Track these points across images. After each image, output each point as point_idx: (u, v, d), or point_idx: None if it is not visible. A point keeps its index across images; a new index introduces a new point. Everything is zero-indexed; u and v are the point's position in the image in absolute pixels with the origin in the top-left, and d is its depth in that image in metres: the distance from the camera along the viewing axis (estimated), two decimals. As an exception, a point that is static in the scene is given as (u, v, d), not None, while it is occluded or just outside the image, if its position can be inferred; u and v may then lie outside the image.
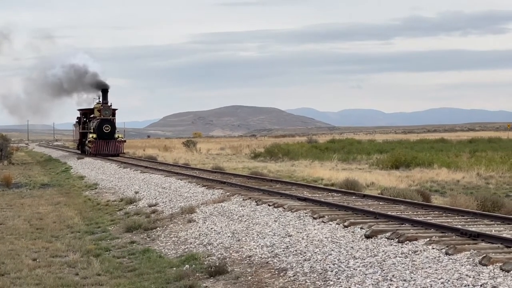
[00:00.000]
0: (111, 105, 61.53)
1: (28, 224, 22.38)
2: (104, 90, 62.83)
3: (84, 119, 64.70)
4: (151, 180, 31.99)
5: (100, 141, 59.14)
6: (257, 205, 20.58)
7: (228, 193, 23.59)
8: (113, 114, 61.18)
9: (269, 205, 20.09)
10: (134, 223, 20.91)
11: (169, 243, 18.08)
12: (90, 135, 60.51)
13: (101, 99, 62.48)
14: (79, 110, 67.66)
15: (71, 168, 50.11)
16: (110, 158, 54.50)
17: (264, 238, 16.31)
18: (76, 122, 69.58)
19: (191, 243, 17.58)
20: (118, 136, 60.61)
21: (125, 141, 63.40)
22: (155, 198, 26.26)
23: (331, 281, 12.27)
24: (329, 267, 13.02)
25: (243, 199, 21.95)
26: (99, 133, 59.32)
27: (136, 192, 28.81)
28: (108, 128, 59.25)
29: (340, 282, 12.11)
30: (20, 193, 33.18)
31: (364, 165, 47.10)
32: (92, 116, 62.64)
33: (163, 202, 24.98)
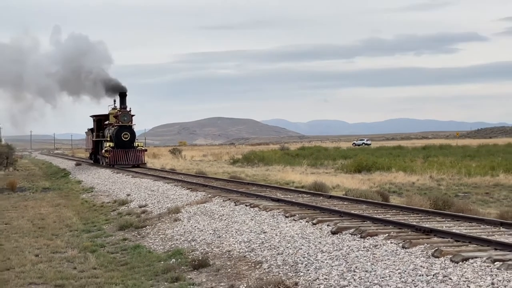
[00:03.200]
0: (130, 110, 48.94)
1: (31, 223, 22.22)
2: (122, 94, 49.63)
3: (98, 126, 52.99)
4: (141, 184, 31.84)
5: (118, 150, 47.34)
6: (236, 205, 20.54)
7: (209, 195, 23.53)
8: (131, 120, 49.03)
9: (246, 206, 20.06)
10: (126, 222, 20.83)
11: (157, 240, 18.00)
12: (107, 144, 48.33)
13: (117, 104, 50.35)
14: (92, 116, 55.10)
15: (70, 174, 49.83)
16: (128, 168, 45.72)
17: (242, 234, 16.27)
18: (89, 130, 57.74)
19: (177, 239, 17.51)
20: (138, 144, 48.84)
21: (146, 150, 51.32)
22: (144, 200, 26.14)
23: (302, 272, 12.27)
24: (300, 260, 13.01)
25: (223, 200, 21.89)
26: (117, 141, 47.54)
27: (128, 195, 28.67)
28: (127, 136, 47.74)
29: (310, 273, 12.10)
30: (24, 196, 32.97)
31: (330, 169, 47.16)
32: (107, 122, 51.31)
33: (152, 203, 24.87)
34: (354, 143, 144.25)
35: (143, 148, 49.23)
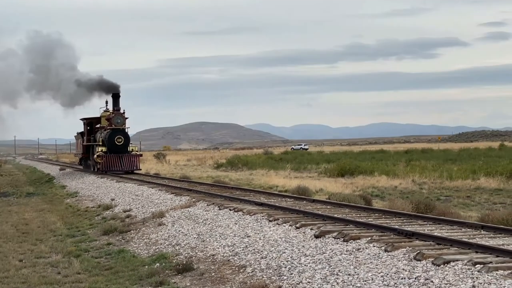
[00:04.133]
0: (123, 112, 45.03)
1: (15, 229, 22.11)
2: (115, 94, 45.71)
3: (89, 130, 49.29)
4: (125, 189, 31.76)
5: (111, 155, 43.80)
6: (220, 209, 20.53)
7: (194, 199, 23.51)
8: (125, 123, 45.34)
9: (230, 210, 20.05)
10: (111, 227, 20.77)
11: (141, 244, 17.97)
12: (99, 149, 44.55)
13: (109, 106, 46.74)
14: (82, 119, 50.84)
15: (54, 179, 49.62)
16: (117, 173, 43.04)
17: (226, 239, 16.27)
18: (79, 133, 53.62)
19: (161, 244, 17.48)
20: (132, 149, 45.27)
21: (141, 155, 47.97)
22: (129, 205, 26.08)
23: (285, 276, 12.28)
24: (283, 263, 13.02)
25: (207, 205, 21.88)
26: (110, 145, 43.97)
27: (112, 199, 28.59)
28: (121, 140, 44.10)
29: (293, 276, 12.11)
30: (8, 201, 32.81)
31: (314, 173, 47.22)
32: (99, 126, 47.95)
33: (136, 208, 24.82)
34: (292, 147, 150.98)
35: (138, 153, 45.85)
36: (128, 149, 44.72)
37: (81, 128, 51.75)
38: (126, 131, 45.01)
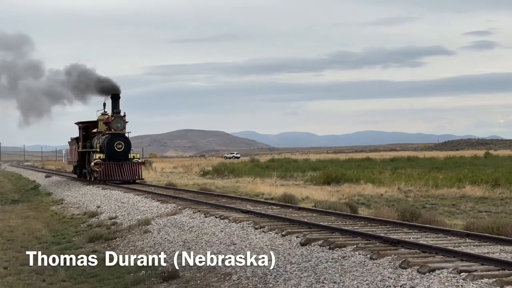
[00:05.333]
0: (124, 116, 40.98)
1: (0, 236, 21.98)
2: (115, 95, 41.49)
3: (85, 135, 44.85)
4: (111, 196, 31.65)
5: (110, 163, 39.86)
6: (206, 217, 20.50)
7: (180, 207, 23.46)
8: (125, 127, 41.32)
9: (216, 217, 20.03)
10: (96, 234, 20.69)
11: (127, 252, 17.90)
12: (96, 156, 40.60)
13: (106, 109, 42.82)
14: (77, 123, 46.33)
15: (40, 186, 49.38)
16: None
17: (212, 246, 16.24)
18: (73, 139, 48.95)
19: (147, 251, 17.43)
20: (133, 156, 41.09)
21: (143, 163, 43.92)
22: (115, 212, 25.99)
23: (271, 283, 12.27)
24: (269, 271, 13.01)
25: (193, 212, 21.84)
26: (109, 152, 40.14)
27: (98, 207, 28.48)
28: (121, 146, 40.32)
29: (279, 284, 12.10)
30: (-7, 208, 32.60)
31: (300, 181, 47.25)
32: (96, 130, 43.83)
33: (122, 215, 24.74)
34: (225, 156, 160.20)
35: (139, 161, 41.50)
36: (129, 156, 40.70)
37: (74, 133, 48.07)
38: (127, 136, 41.15)
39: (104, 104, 43.14)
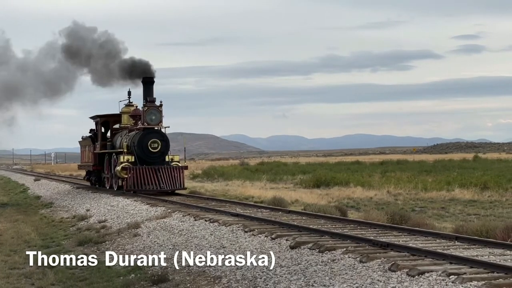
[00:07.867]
0: (161, 105, 31.52)
1: (-12, 239, 21.90)
2: (148, 80, 32.21)
3: (104, 132, 36.69)
4: (100, 199, 31.56)
5: (142, 168, 30.66)
6: (195, 220, 20.49)
7: (169, 210, 23.44)
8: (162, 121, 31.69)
9: (205, 221, 20.01)
10: (85, 238, 20.64)
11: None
12: (123, 158, 31.29)
13: (132, 99, 35.23)
14: (94, 117, 37.51)
15: (29, 189, 49.20)
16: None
17: (202, 249, 16.23)
18: (86, 137, 39.05)
19: (136, 254, 17.38)
20: (172, 158, 31.94)
21: (186, 167, 33.56)
22: (104, 215, 25.93)
23: (260, 287, 12.27)
24: (259, 274, 13.01)
25: (183, 215, 21.82)
26: (140, 153, 31.06)
27: (87, 210, 28.41)
28: (157, 145, 31.28)
29: (268, 287, 12.10)
30: (-18, 211, 32.47)
31: (290, 184, 47.24)
32: (118, 126, 35.52)
33: (111, 219, 24.69)
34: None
35: (181, 165, 32.00)
36: (167, 159, 31.83)
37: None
38: (164, 132, 32.18)
39: (129, 93, 35.29)
